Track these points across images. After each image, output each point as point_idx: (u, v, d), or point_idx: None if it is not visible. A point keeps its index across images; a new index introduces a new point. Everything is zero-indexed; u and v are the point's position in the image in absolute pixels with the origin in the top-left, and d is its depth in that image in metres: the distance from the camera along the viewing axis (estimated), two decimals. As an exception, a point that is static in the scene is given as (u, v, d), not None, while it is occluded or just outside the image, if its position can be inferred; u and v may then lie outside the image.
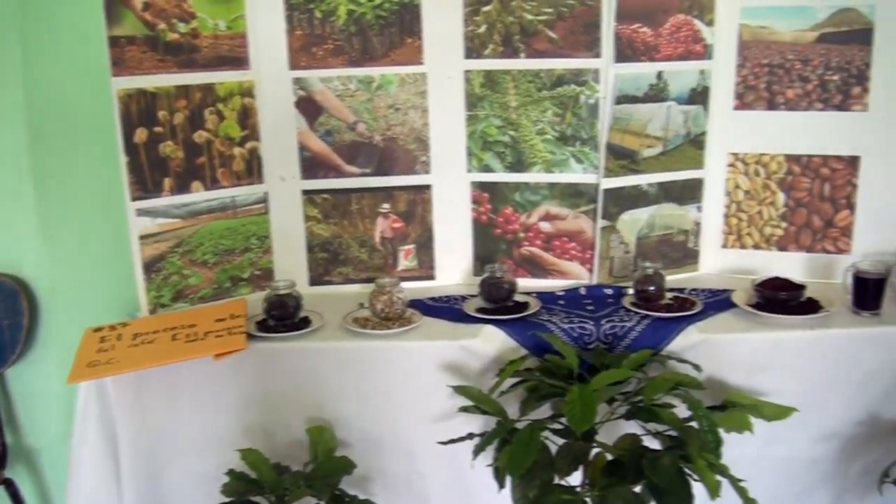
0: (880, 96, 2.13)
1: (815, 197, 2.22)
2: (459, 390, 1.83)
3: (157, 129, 2.01)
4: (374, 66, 2.14)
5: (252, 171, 2.16)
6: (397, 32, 2.12)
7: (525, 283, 2.20)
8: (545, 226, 2.23)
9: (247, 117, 2.13)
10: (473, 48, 2.12)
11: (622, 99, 2.13)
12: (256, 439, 1.94)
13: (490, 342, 1.94)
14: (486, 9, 2.09)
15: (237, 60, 2.09)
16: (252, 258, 2.20)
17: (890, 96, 2.13)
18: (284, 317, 2.00)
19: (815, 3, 2.12)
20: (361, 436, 1.96)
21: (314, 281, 2.26)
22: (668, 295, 2.08)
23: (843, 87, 2.14)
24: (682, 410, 1.75)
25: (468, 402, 1.82)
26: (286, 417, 1.95)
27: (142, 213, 2.02)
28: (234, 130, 2.12)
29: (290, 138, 2.17)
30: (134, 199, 2.01)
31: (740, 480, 1.64)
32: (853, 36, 2.12)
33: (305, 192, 2.21)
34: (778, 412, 1.80)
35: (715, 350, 1.93)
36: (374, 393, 1.94)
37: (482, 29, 2.11)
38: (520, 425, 1.75)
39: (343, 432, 1.94)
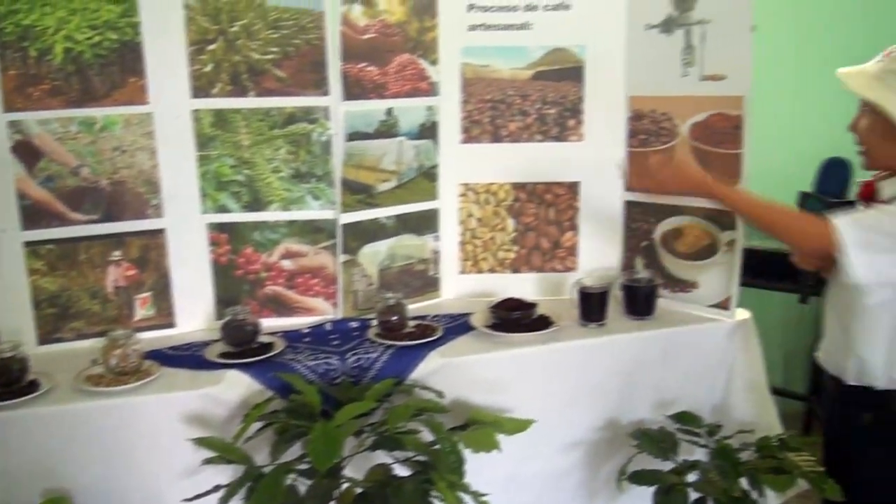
0: (593, 127, 2.33)
1: (542, 221, 2.38)
2: (201, 442, 1.75)
3: None
4: (96, 107, 2.02)
5: (-36, 224, 1.97)
6: (118, 71, 2.02)
7: (271, 322, 2.16)
8: (287, 264, 2.21)
9: (-45, 165, 1.94)
10: (201, 87, 2.07)
11: (354, 135, 2.17)
12: (-12, 523, 1.76)
13: (234, 388, 1.88)
14: (211, 48, 2.06)
15: (-57, 104, 1.90)
16: (-30, 320, 2.00)
17: (601, 127, 2.33)
18: (9, 382, 1.82)
19: (529, 44, 2.28)
20: (106, 502, 1.82)
21: (43, 339, 2.08)
22: (412, 323, 2.13)
23: (560, 120, 2.32)
24: (430, 435, 1.79)
25: (214, 454, 1.76)
26: (19, 494, 1.77)
27: None
28: (-59, 180, 1.93)
29: (7, 186, 2.00)
30: None
31: (483, 495, 1.70)
32: (566, 73, 2.30)
33: (28, 244, 2.04)
34: (517, 426, 1.88)
35: (456, 373, 1.99)
36: (115, 455, 1.82)
37: (209, 68, 2.07)
38: (269, 470, 1.71)
39: (86, 500, 1.80)
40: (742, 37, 2.08)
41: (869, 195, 1.89)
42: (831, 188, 1.86)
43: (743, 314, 2.21)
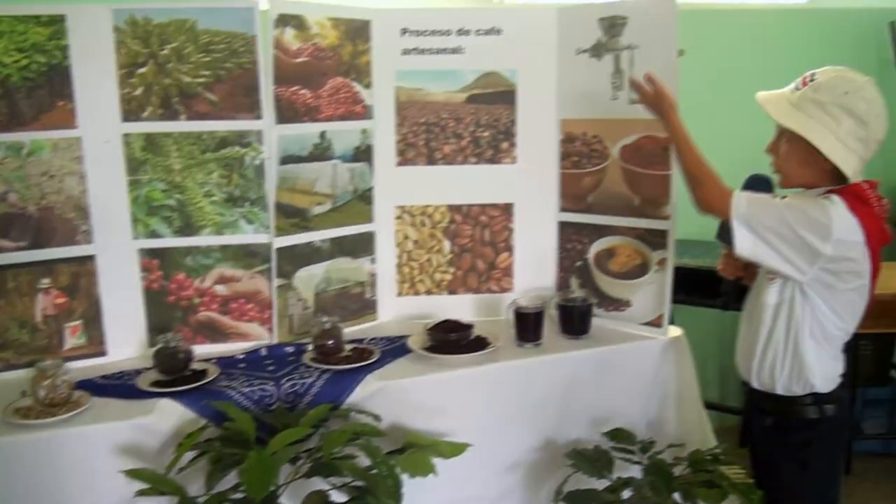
0: (526, 149, 2.36)
1: (478, 242, 2.40)
2: (133, 474, 1.71)
3: None
4: (24, 132, 1.98)
5: None
6: (47, 95, 1.98)
7: (204, 349, 2.14)
8: (220, 289, 2.18)
9: None
10: (131, 111, 2.05)
11: (287, 159, 2.16)
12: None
13: (166, 417, 1.85)
14: (141, 71, 2.04)
15: None
16: None
17: (533, 149, 2.36)
18: (-67, 416, 1.77)
19: (462, 67, 2.30)
20: (36, 540, 1.76)
21: (-30, 371, 2.02)
22: (348, 347, 2.12)
23: (493, 143, 2.35)
24: (366, 459, 1.77)
25: (146, 486, 1.72)
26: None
27: None
28: None
29: (-67, 213, 1.95)
30: None
31: (421, 520, 1.71)
32: (498, 96, 2.33)
33: (-47, 273, 1.98)
34: (454, 449, 1.88)
35: (394, 396, 1.99)
36: (45, 489, 1.76)
37: (139, 91, 2.04)
38: (203, 500, 1.68)
39: (14, 539, 1.74)
40: (669, 61, 2.13)
41: None
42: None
43: (675, 331, 2.26)
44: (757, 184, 1.96)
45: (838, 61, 1.91)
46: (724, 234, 1.94)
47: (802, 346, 1.86)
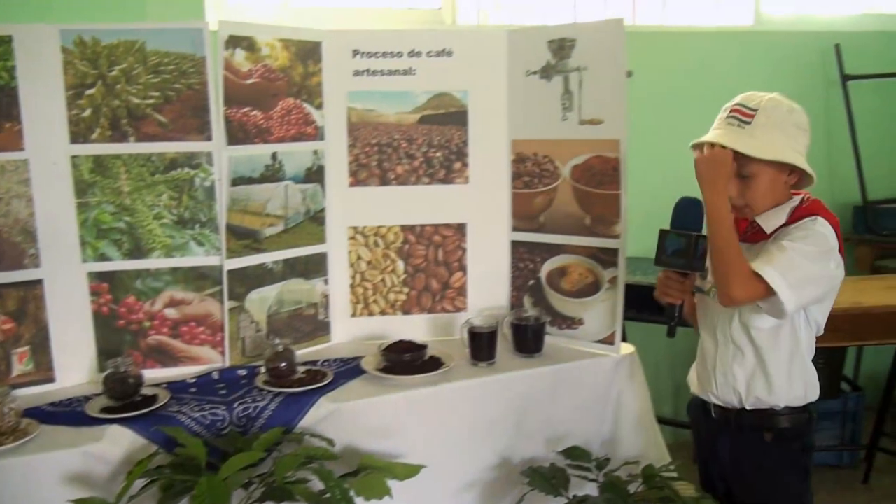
0: (478, 170, 2.38)
1: (431, 262, 2.41)
2: (82, 503, 1.68)
3: None
4: (-30, 155, 1.95)
5: None
6: (-6, 117, 1.96)
7: (155, 373, 2.11)
8: (171, 312, 2.16)
9: None
10: (79, 132, 2.03)
11: (238, 180, 2.15)
12: None
13: (116, 443, 1.81)
14: (89, 92, 2.02)
15: None
16: None
17: (485, 169, 2.38)
18: None
19: (413, 88, 2.31)
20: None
21: (-86, 401, 1.97)
22: (301, 369, 2.10)
23: (446, 163, 2.36)
24: (320, 483, 1.76)
25: (94, 514, 1.69)
26: None
27: None
28: None
29: None
30: None
31: (375, 544, 1.69)
32: (450, 117, 2.34)
33: None
34: (409, 471, 1.87)
35: (347, 418, 1.98)
36: (-7, 523, 1.73)
37: (87, 113, 2.02)
38: (154, 528, 1.66)
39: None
40: (617, 83, 2.17)
41: (743, 231, 1.96)
42: (688, 224, 1.95)
43: (628, 348, 2.28)
44: (688, 206, 1.94)
45: (786, 82, 1.97)
46: (663, 257, 1.95)
47: (806, 360, 1.93)
